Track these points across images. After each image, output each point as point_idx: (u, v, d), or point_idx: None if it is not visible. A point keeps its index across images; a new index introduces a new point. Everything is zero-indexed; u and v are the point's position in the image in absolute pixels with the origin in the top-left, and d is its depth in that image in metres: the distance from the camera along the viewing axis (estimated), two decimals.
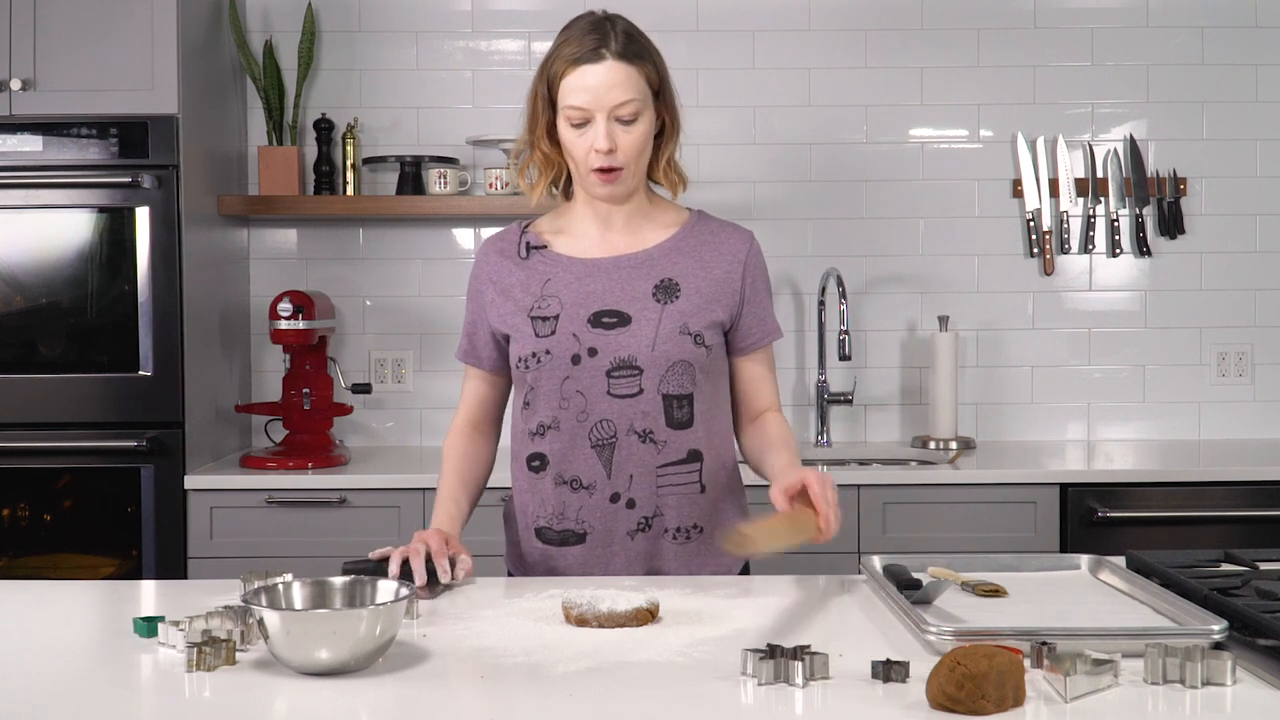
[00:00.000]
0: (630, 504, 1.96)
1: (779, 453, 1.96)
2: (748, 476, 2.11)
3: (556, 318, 1.95)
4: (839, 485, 3.04)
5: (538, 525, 2.01)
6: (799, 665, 1.36)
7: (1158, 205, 3.68)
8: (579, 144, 1.91)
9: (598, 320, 1.95)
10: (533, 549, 2.02)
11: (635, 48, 1.90)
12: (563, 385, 1.95)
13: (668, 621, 1.63)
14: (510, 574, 2.09)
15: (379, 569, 1.77)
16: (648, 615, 1.62)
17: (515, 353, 1.99)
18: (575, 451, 1.96)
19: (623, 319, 1.95)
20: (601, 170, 1.91)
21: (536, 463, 2.00)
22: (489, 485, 2.13)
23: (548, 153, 1.97)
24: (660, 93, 1.94)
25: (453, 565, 1.82)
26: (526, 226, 2.06)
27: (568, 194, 2.05)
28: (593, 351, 1.94)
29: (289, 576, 1.64)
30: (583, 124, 1.90)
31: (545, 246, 2.02)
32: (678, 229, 2.02)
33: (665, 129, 1.98)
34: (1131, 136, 3.67)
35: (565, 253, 2.01)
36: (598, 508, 1.96)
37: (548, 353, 1.95)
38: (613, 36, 1.89)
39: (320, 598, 1.53)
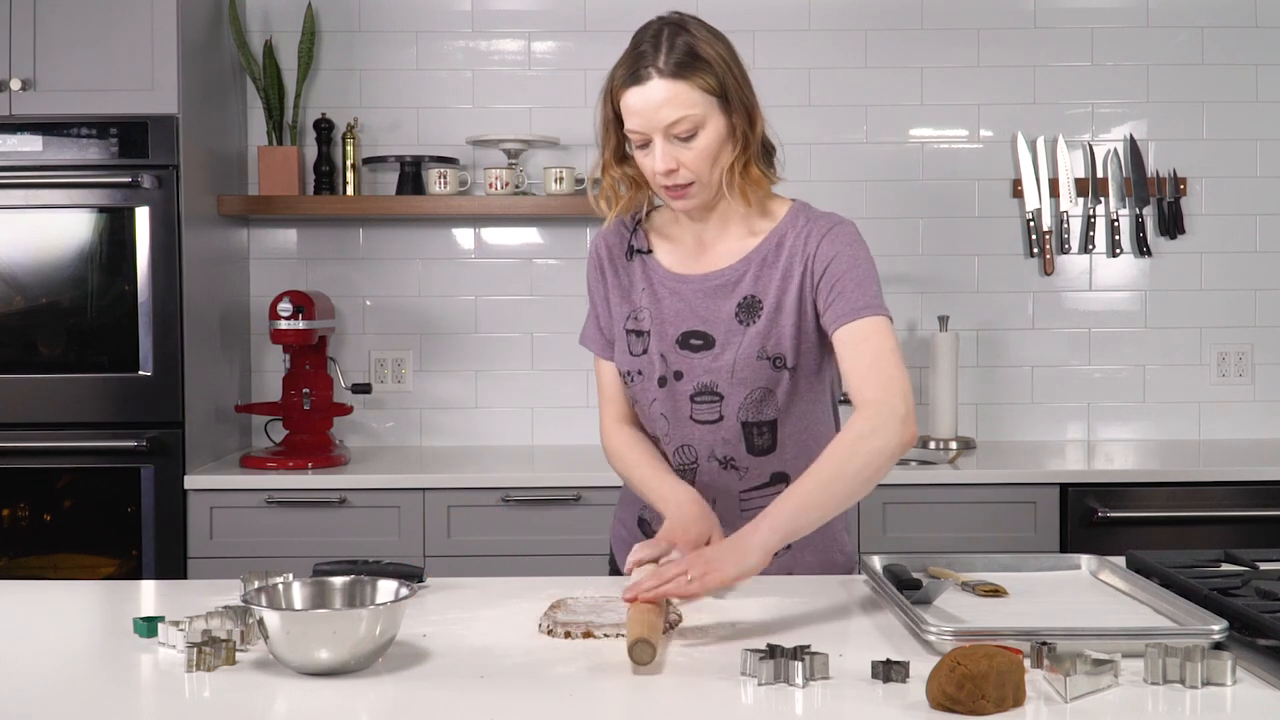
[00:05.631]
0: None
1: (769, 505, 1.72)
2: None
3: (648, 334, 1.92)
4: None
5: (640, 516, 2.02)
6: (799, 665, 1.36)
7: (1158, 205, 3.68)
8: (645, 164, 1.84)
9: (685, 342, 1.90)
10: (636, 535, 2.01)
11: (688, 59, 1.78)
12: (651, 407, 1.93)
13: None
14: (613, 552, 2.09)
15: (351, 570, 1.74)
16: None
17: (617, 364, 1.97)
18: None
19: (708, 342, 1.90)
20: (670, 188, 1.84)
21: None
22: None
23: (633, 174, 1.89)
24: (726, 97, 1.81)
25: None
26: (639, 223, 1.98)
27: None
28: (679, 375, 1.90)
29: (289, 576, 1.64)
30: (644, 145, 1.82)
31: (649, 252, 1.96)
32: (766, 234, 1.91)
33: (738, 136, 1.84)
34: (1131, 136, 3.67)
35: (663, 262, 1.94)
36: None
37: (639, 373, 1.93)
38: (664, 51, 1.78)
39: (320, 598, 1.53)
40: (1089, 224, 3.66)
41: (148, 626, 1.57)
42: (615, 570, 2.08)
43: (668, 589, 1.55)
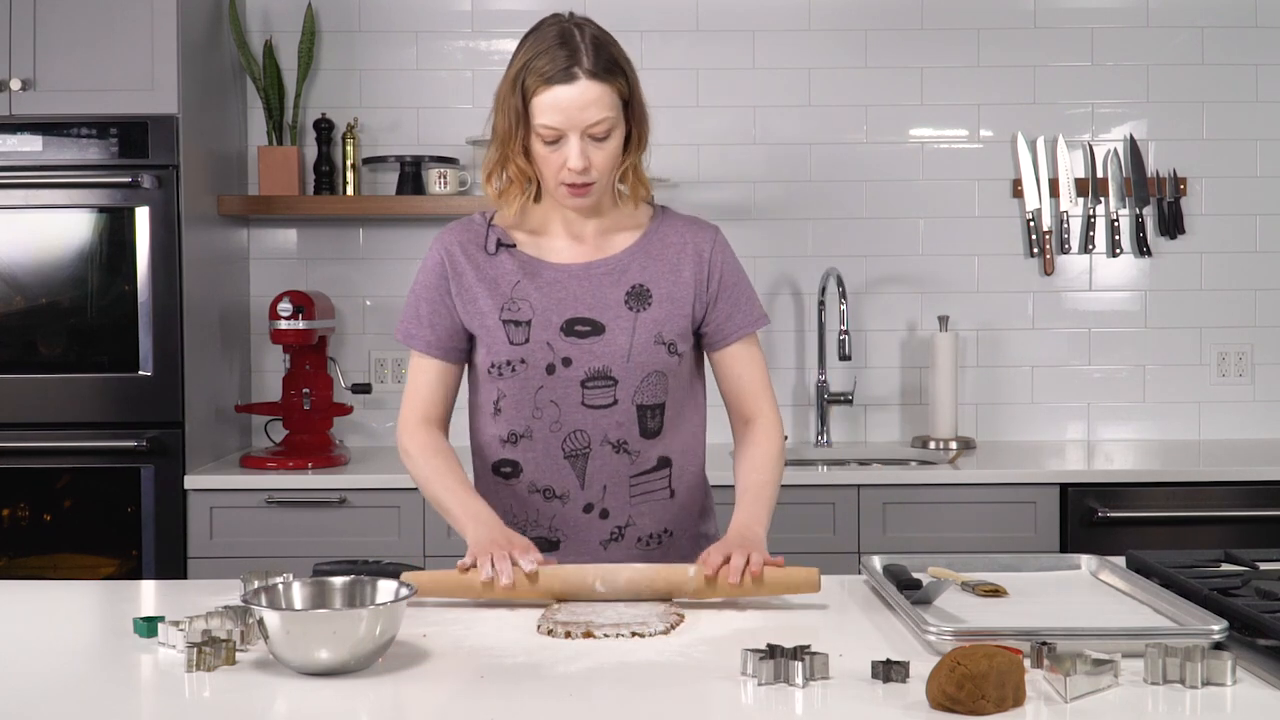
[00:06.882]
0: (604, 514, 1.96)
1: (742, 503, 1.92)
2: (715, 475, 2.11)
3: (529, 323, 1.93)
4: (840, 485, 3.09)
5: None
6: (799, 665, 1.36)
7: (1158, 205, 3.68)
8: (551, 160, 1.87)
9: (570, 329, 1.93)
10: None
11: (606, 62, 1.85)
12: (536, 395, 1.94)
13: None
14: None
15: (351, 570, 1.74)
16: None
17: (487, 357, 1.96)
18: (548, 461, 1.95)
19: (596, 328, 1.93)
20: (572, 185, 1.88)
21: (508, 469, 1.99)
22: None
23: (523, 168, 1.91)
24: (630, 102, 1.89)
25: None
26: (491, 220, 2.00)
27: (536, 197, 1.97)
28: (567, 361, 1.92)
29: (289, 576, 1.65)
30: (555, 141, 1.85)
31: (514, 245, 1.98)
32: (643, 230, 1.99)
33: (630, 138, 1.92)
34: (1131, 136, 3.67)
35: (535, 255, 1.97)
36: (571, 517, 1.96)
37: (523, 361, 1.93)
38: (584, 51, 1.84)
39: (320, 598, 1.53)
40: (1089, 224, 3.66)
41: (148, 626, 1.57)
42: None
43: (753, 573, 1.72)
